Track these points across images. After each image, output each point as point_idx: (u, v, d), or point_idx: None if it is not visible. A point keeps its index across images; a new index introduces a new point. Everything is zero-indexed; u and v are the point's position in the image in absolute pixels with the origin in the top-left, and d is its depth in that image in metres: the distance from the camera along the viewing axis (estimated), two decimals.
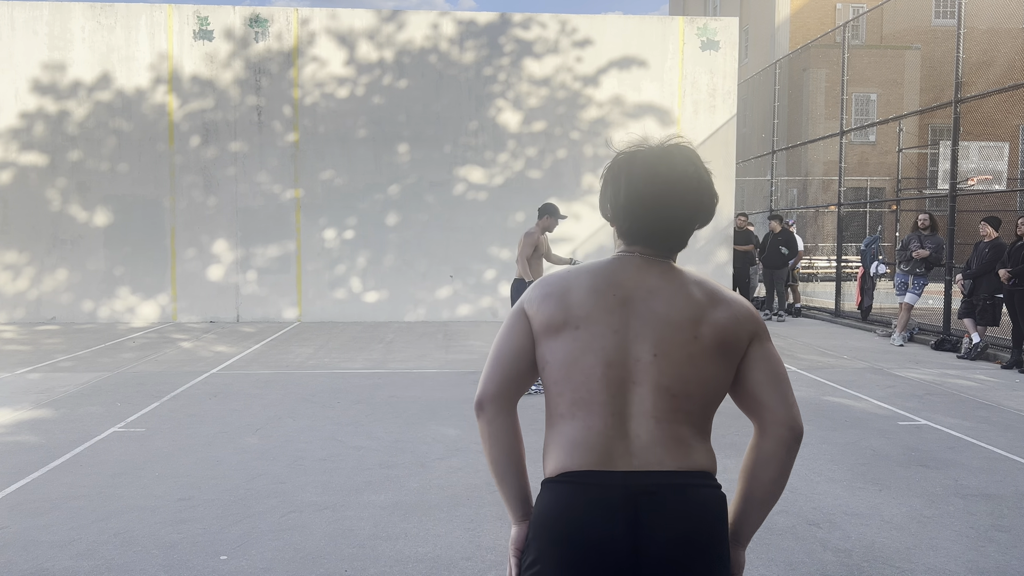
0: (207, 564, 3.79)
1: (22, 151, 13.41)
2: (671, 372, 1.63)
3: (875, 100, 25.94)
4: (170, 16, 13.52)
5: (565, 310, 1.67)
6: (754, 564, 3.82)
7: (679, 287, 1.70)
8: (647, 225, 1.72)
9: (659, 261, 1.75)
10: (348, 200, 13.88)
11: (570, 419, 1.65)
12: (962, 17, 11.01)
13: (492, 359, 1.74)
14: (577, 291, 1.69)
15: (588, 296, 1.68)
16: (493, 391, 1.72)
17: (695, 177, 1.71)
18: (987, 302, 9.98)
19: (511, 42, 13.99)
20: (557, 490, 1.63)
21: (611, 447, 1.61)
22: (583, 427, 1.63)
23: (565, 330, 1.66)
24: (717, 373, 1.66)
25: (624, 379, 1.63)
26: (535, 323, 1.71)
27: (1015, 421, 6.78)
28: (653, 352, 1.63)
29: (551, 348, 1.67)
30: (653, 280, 1.70)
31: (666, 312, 1.66)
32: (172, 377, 8.49)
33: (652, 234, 1.73)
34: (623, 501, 1.58)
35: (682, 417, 1.64)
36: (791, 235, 14.46)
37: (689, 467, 1.63)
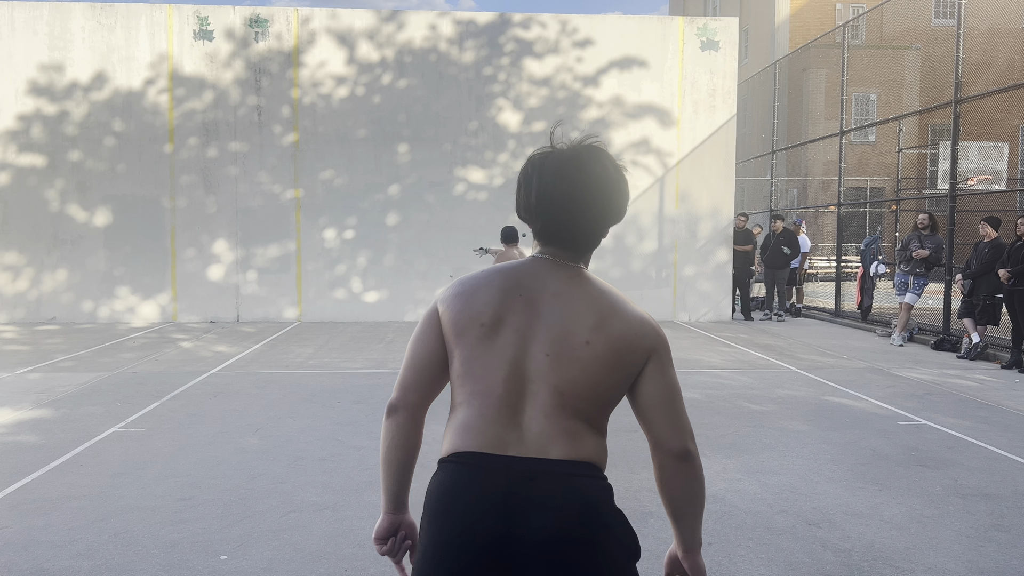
0: (207, 564, 3.79)
1: (22, 151, 13.41)
2: (562, 373, 1.70)
3: (875, 100, 25.95)
4: (170, 16, 13.52)
5: (473, 309, 1.75)
6: (754, 564, 3.82)
7: (583, 294, 1.76)
8: (558, 226, 1.77)
9: (569, 266, 1.81)
10: (348, 200, 13.88)
11: (467, 407, 1.73)
12: (962, 17, 11.02)
13: (407, 363, 1.81)
14: (487, 291, 1.76)
15: (496, 296, 1.75)
16: (408, 399, 1.79)
17: (603, 178, 1.75)
18: (987, 302, 9.98)
19: (511, 42, 13.99)
20: (447, 468, 1.72)
21: (502, 434, 1.68)
22: (478, 414, 1.71)
23: (472, 328, 1.74)
24: (607, 380, 1.72)
25: (521, 375, 1.70)
26: (445, 321, 1.78)
27: (1015, 421, 6.78)
28: (547, 352, 1.71)
29: (459, 344, 1.75)
30: (559, 284, 1.76)
31: (564, 316, 1.72)
32: (172, 377, 8.49)
33: (563, 235, 1.78)
34: (506, 481, 1.65)
35: (571, 413, 1.70)
36: (793, 235, 14.46)
37: (574, 457, 1.69)
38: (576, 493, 1.66)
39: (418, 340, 1.80)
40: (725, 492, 4.85)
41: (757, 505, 4.63)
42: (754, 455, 5.66)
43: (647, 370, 1.75)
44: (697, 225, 14.32)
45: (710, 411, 7.04)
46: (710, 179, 14.30)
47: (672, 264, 14.32)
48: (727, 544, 4.06)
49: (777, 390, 8.00)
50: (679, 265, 14.32)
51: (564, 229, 1.77)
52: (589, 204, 1.75)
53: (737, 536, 4.17)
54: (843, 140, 14.63)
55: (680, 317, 14.35)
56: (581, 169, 1.73)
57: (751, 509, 4.56)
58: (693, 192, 14.27)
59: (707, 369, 9.22)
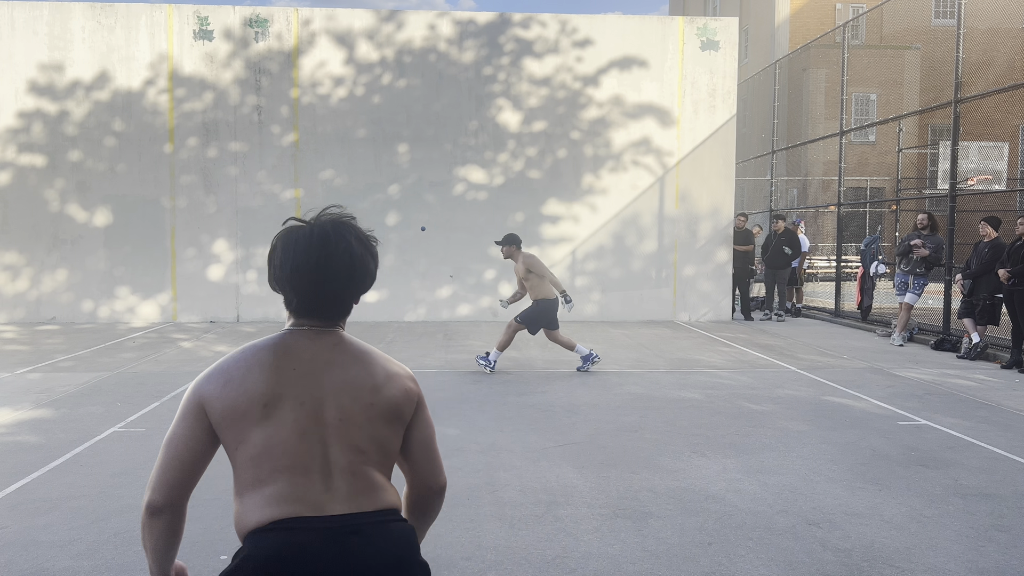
0: (207, 564, 3.79)
1: (22, 151, 13.41)
2: (356, 432, 1.85)
3: (875, 100, 25.95)
4: (170, 16, 13.52)
5: (248, 393, 1.80)
6: (754, 564, 3.83)
7: (352, 359, 1.90)
8: (310, 299, 1.88)
9: (329, 332, 1.92)
10: (348, 200, 13.87)
11: (273, 483, 1.80)
12: (962, 17, 11.02)
13: (171, 462, 1.82)
14: (259, 371, 1.82)
15: (271, 375, 1.82)
16: (173, 498, 1.85)
17: (347, 252, 1.85)
18: (987, 302, 9.98)
19: (511, 42, 13.99)
20: (271, 536, 1.78)
21: (319, 499, 1.81)
22: (289, 484, 1.80)
23: (252, 410, 1.80)
24: (389, 435, 1.90)
25: (319, 441, 1.82)
26: (217, 412, 1.81)
27: (1015, 421, 6.78)
28: (339, 418, 1.84)
29: (242, 429, 1.80)
30: (328, 353, 1.89)
31: (345, 382, 1.87)
32: (172, 377, 8.49)
33: (316, 307, 1.90)
34: (333, 539, 1.79)
35: (372, 468, 1.87)
36: (794, 235, 14.47)
37: (385, 507, 1.87)
38: (397, 535, 1.86)
39: (182, 437, 1.82)
40: (725, 492, 4.86)
41: (757, 505, 4.63)
42: (754, 455, 5.66)
43: (415, 419, 1.95)
44: (697, 225, 14.32)
45: (710, 411, 7.04)
46: (710, 179, 14.30)
47: (672, 264, 14.32)
48: (727, 544, 4.06)
49: (777, 390, 8.00)
50: (679, 265, 14.32)
51: (316, 302, 1.88)
52: (335, 278, 1.86)
53: (737, 536, 4.17)
54: (843, 140, 14.63)
55: (680, 317, 14.35)
56: (326, 245, 1.84)
57: (751, 509, 4.56)
58: (693, 192, 14.27)
59: (707, 369, 9.22)
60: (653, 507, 4.58)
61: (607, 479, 5.08)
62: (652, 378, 8.61)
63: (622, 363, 9.55)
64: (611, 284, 14.22)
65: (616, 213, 14.16)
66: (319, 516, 1.79)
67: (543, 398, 7.49)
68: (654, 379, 8.55)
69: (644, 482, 5.03)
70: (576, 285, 14.10)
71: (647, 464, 5.43)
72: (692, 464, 5.44)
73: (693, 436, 6.19)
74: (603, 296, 14.19)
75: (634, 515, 4.46)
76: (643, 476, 5.15)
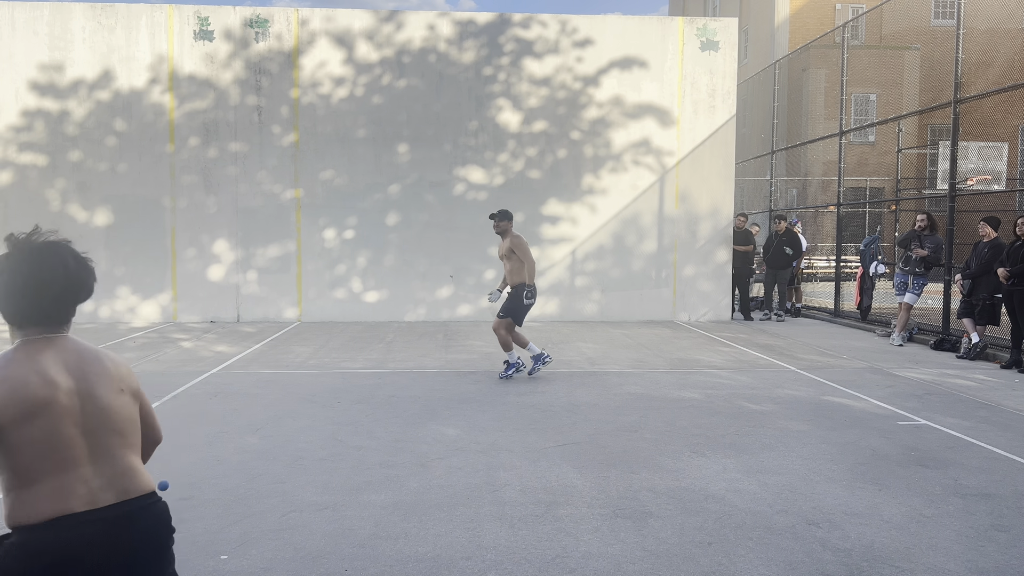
0: (207, 564, 3.79)
1: (22, 151, 13.42)
2: (116, 418, 2.19)
3: (874, 100, 25.96)
4: (170, 16, 13.52)
5: (20, 395, 2.05)
6: (754, 564, 3.83)
7: (93, 356, 2.24)
8: (38, 312, 2.17)
9: (60, 337, 2.23)
10: (348, 200, 13.88)
11: (51, 478, 2.07)
12: (961, 17, 11.02)
13: None
14: (27, 376, 2.08)
15: (32, 381, 2.07)
16: None
17: (62, 270, 2.18)
18: (986, 302, 9.99)
19: (511, 42, 14.00)
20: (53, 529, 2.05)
21: (92, 490, 2.10)
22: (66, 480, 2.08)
23: (24, 416, 2.04)
24: (134, 412, 2.27)
25: (88, 432, 2.13)
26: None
27: (1014, 421, 6.79)
28: (100, 406, 2.16)
29: (18, 434, 2.04)
30: (70, 354, 2.20)
31: (98, 375, 2.19)
32: (173, 377, 8.50)
33: (45, 318, 2.19)
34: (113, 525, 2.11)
35: (131, 450, 2.22)
36: (795, 235, 14.47)
37: (144, 491, 2.21)
38: (161, 514, 2.27)
39: None
40: (725, 492, 4.86)
41: (757, 505, 4.64)
42: (754, 455, 5.67)
43: (140, 393, 2.34)
44: (697, 225, 14.32)
45: (710, 411, 7.05)
46: (710, 179, 14.30)
47: (672, 264, 14.33)
48: (727, 544, 4.07)
49: (777, 390, 8.01)
50: (679, 265, 14.33)
51: (45, 314, 2.18)
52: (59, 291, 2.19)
53: (737, 536, 4.17)
54: (843, 140, 14.64)
55: (680, 317, 14.35)
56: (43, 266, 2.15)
57: (751, 509, 4.57)
58: (693, 192, 14.28)
59: (707, 369, 9.23)
60: (653, 507, 4.59)
61: (607, 479, 5.09)
62: (652, 378, 8.61)
63: (622, 363, 9.56)
64: (611, 284, 14.22)
65: (616, 213, 14.17)
66: (95, 508, 2.10)
67: (543, 398, 7.49)
68: (654, 379, 8.56)
69: (644, 482, 5.04)
70: (576, 285, 14.11)
71: (647, 464, 5.44)
72: (692, 464, 5.45)
73: (693, 436, 6.19)
74: (603, 296, 14.20)
75: (634, 515, 4.47)
76: (643, 476, 5.16)
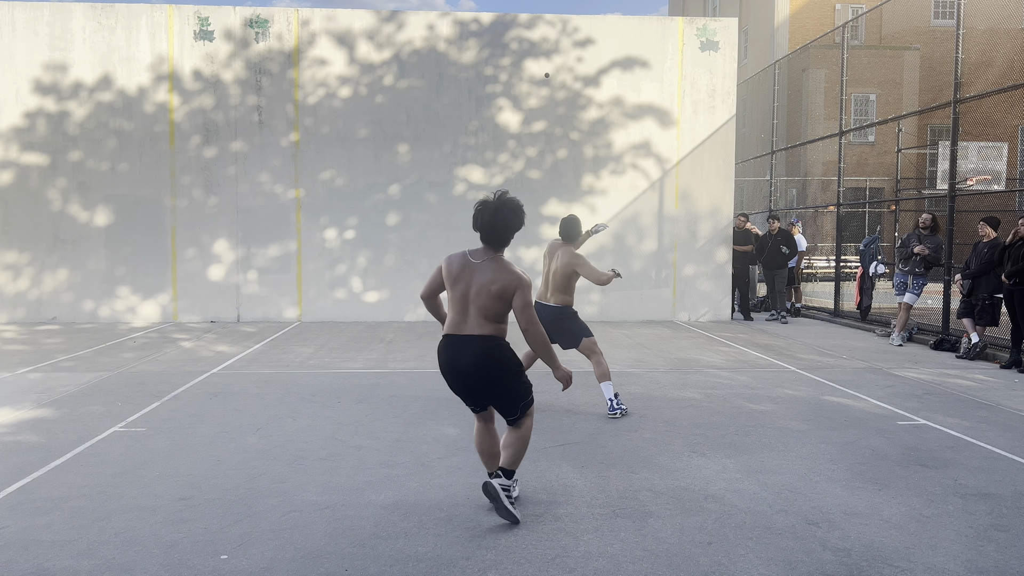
0: (207, 564, 3.80)
1: (23, 151, 13.42)
2: (480, 301, 4.12)
3: (874, 100, 25.96)
4: (171, 17, 13.53)
5: (449, 270, 4.22)
6: (754, 564, 3.83)
7: (492, 264, 4.17)
8: (488, 236, 4.21)
9: (490, 250, 4.23)
10: (348, 200, 13.89)
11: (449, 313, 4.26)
12: (961, 17, 11.03)
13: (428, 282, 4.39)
14: (456, 261, 4.23)
15: (456, 264, 4.22)
16: (424, 294, 4.43)
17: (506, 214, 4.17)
18: (986, 302, 9.99)
19: (511, 42, 14.00)
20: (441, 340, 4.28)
21: (460, 324, 4.17)
22: (451, 316, 4.23)
23: (449, 277, 4.21)
24: (498, 305, 4.14)
25: (466, 299, 4.16)
26: (443, 272, 4.26)
27: (1014, 421, 6.79)
28: (475, 291, 4.13)
29: (446, 283, 4.25)
30: (482, 259, 4.20)
31: (481, 274, 4.14)
32: (173, 377, 8.50)
33: (489, 239, 4.23)
34: (461, 345, 4.15)
35: (486, 317, 4.14)
36: (790, 235, 14.47)
37: (485, 333, 4.13)
38: (485, 345, 4.13)
39: (433, 275, 4.37)
40: (725, 492, 4.86)
41: (757, 505, 4.64)
42: (754, 455, 5.67)
43: (515, 300, 4.13)
44: (697, 225, 14.33)
45: (710, 411, 7.05)
46: (710, 179, 14.31)
47: (672, 264, 14.33)
48: (727, 544, 4.07)
49: (777, 390, 8.01)
50: (679, 265, 14.33)
51: (490, 237, 4.22)
52: (492, 227, 4.18)
53: (737, 536, 4.18)
54: (842, 140, 14.64)
55: (680, 317, 14.36)
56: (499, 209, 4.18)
57: (751, 509, 4.57)
58: (693, 192, 14.28)
59: (707, 369, 9.23)
60: (653, 507, 4.59)
61: (607, 479, 5.09)
62: (652, 378, 8.62)
63: (622, 363, 9.56)
64: (611, 284, 14.22)
65: (616, 213, 14.17)
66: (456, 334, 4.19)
67: (543, 398, 7.49)
68: (654, 379, 8.56)
69: (644, 482, 5.04)
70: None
71: (647, 464, 5.44)
72: (691, 464, 5.45)
73: (693, 436, 6.20)
74: (603, 296, 14.20)
75: (634, 515, 4.47)
76: (643, 476, 5.16)
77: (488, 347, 4.00)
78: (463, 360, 4.08)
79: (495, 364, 4.03)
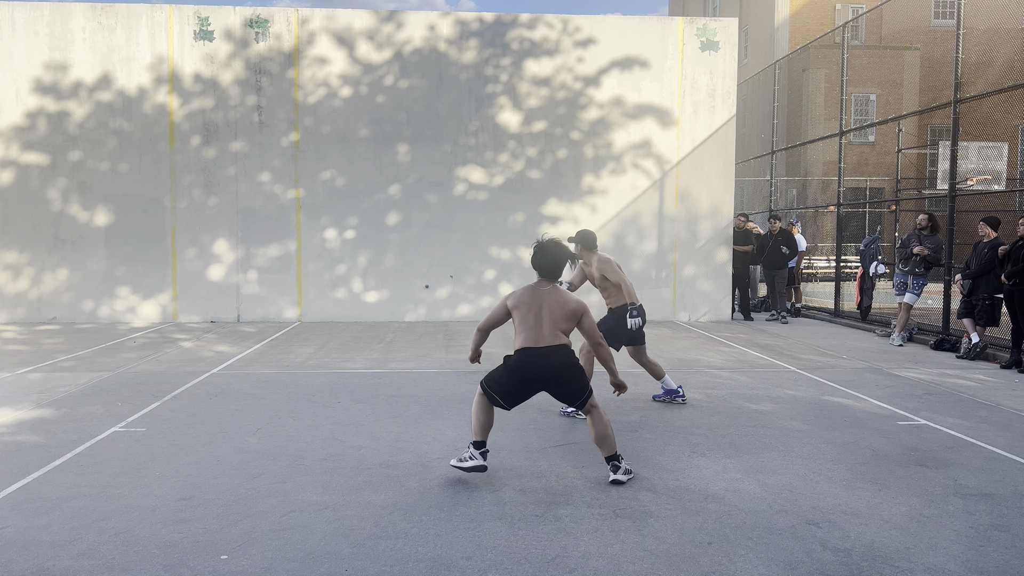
0: (207, 564, 3.79)
1: (23, 151, 13.42)
2: (554, 319, 5.01)
3: (874, 100, 25.96)
4: (170, 17, 13.53)
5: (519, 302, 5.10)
6: (754, 564, 3.83)
7: (557, 294, 5.09)
8: (545, 271, 5.13)
9: (550, 283, 5.13)
10: (349, 200, 13.89)
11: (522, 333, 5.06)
12: (961, 18, 11.02)
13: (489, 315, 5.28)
14: (524, 295, 5.12)
15: (526, 295, 5.12)
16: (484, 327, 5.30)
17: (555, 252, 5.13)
18: (986, 302, 9.99)
19: (512, 42, 14.00)
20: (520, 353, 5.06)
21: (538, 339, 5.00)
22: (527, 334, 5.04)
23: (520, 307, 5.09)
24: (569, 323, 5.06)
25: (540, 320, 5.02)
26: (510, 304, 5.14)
27: (1014, 421, 6.79)
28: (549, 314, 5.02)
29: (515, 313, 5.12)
30: (548, 290, 5.10)
31: (551, 299, 5.06)
32: (173, 377, 8.50)
33: (546, 274, 5.14)
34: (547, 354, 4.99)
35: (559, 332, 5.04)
36: (790, 235, 14.47)
37: (563, 343, 5.02)
38: (564, 353, 5.00)
39: (497, 310, 5.21)
40: (725, 492, 4.86)
41: (757, 505, 4.64)
42: (754, 455, 5.67)
43: (582, 320, 5.10)
44: (697, 225, 14.33)
45: (710, 411, 7.05)
46: (710, 179, 14.31)
47: (672, 264, 14.33)
48: (727, 544, 4.07)
49: (777, 390, 8.01)
50: (679, 265, 14.33)
51: (546, 272, 5.13)
52: (552, 264, 5.12)
53: (737, 536, 4.17)
54: (843, 140, 14.64)
55: (680, 317, 14.36)
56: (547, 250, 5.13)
57: (751, 509, 4.57)
58: (693, 192, 14.28)
59: (707, 369, 9.23)
60: (653, 507, 4.59)
61: (607, 479, 5.09)
62: (652, 378, 8.60)
63: (622, 363, 9.53)
64: None
65: (616, 213, 14.17)
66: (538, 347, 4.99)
67: (543, 398, 7.49)
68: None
69: (643, 482, 5.04)
70: None
71: (647, 464, 5.44)
72: (692, 464, 5.45)
73: (693, 436, 6.19)
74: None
75: (634, 515, 4.47)
76: (643, 476, 5.16)
77: (568, 352, 4.99)
78: (552, 364, 4.95)
79: (574, 365, 4.99)
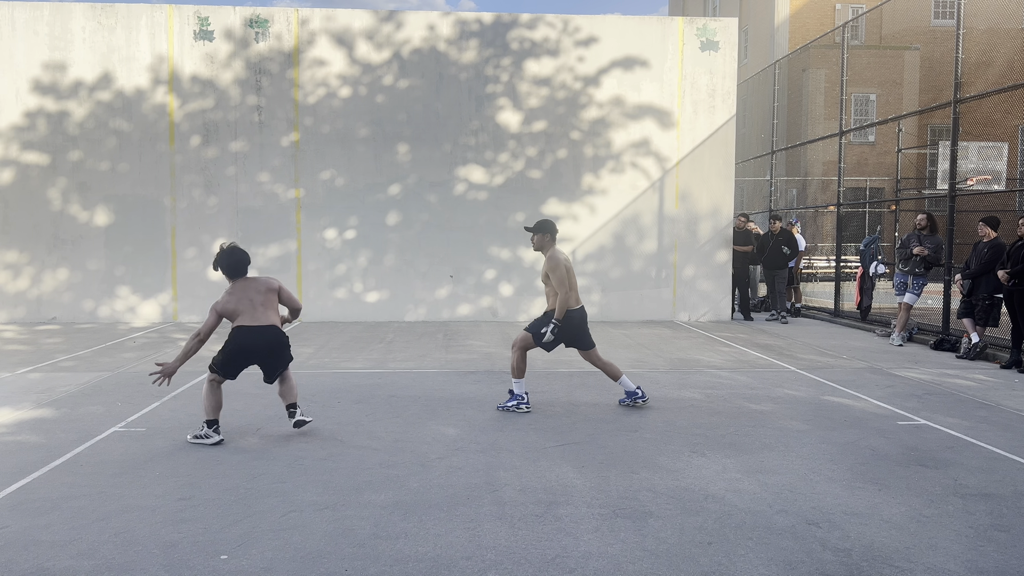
0: (207, 564, 3.79)
1: (23, 151, 13.42)
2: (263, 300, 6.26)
3: (874, 100, 25.95)
4: (170, 17, 13.53)
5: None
6: (754, 564, 3.83)
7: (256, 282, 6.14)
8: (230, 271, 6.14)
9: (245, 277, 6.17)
10: (349, 200, 13.89)
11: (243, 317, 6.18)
12: (961, 17, 11.02)
13: None
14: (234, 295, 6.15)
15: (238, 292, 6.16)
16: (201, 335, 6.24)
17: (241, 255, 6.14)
18: (986, 302, 9.99)
19: (512, 42, 14.00)
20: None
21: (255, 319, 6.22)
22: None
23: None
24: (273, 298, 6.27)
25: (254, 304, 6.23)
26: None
27: (1014, 421, 6.79)
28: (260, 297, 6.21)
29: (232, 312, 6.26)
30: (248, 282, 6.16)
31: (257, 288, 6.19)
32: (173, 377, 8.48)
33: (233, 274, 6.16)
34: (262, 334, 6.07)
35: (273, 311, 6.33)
36: (791, 235, 14.47)
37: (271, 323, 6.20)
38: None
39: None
40: (725, 492, 4.86)
41: (757, 505, 4.64)
42: (754, 455, 5.67)
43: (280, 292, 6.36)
44: (697, 225, 14.33)
45: (710, 411, 7.05)
46: (710, 179, 14.31)
47: (672, 264, 14.33)
48: (727, 544, 4.07)
49: (777, 390, 8.01)
50: (679, 265, 14.33)
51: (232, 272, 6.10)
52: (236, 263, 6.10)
53: (737, 536, 4.18)
54: (842, 140, 14.64)
55: (680, 317, 14.36)
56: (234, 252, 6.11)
57: (751, 509, 4.57)
58: (693, 192, 14.28)
59: (707, 369, 9.23)
60: (653, 507, 4.59)
61: (607, 479, 5.09)
62: (652, 378, 8.61)
63: (622, 363, 9.55)
64: (611, 284, 14.23)
65: (616, 213, 14.17)
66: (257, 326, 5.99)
67: (543, 398, 7.50)
68: (654, 379, 8.56)
69: (644, 482, 5.04)
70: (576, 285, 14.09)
71: (647, 464, 5.44)
72: (691, 464, 5.45)
73: (693, 436, 6.19)
74: (603, 296, 14.20)
75: (634, 515, 4.47)
76: (643, 476, 5.16)
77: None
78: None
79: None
